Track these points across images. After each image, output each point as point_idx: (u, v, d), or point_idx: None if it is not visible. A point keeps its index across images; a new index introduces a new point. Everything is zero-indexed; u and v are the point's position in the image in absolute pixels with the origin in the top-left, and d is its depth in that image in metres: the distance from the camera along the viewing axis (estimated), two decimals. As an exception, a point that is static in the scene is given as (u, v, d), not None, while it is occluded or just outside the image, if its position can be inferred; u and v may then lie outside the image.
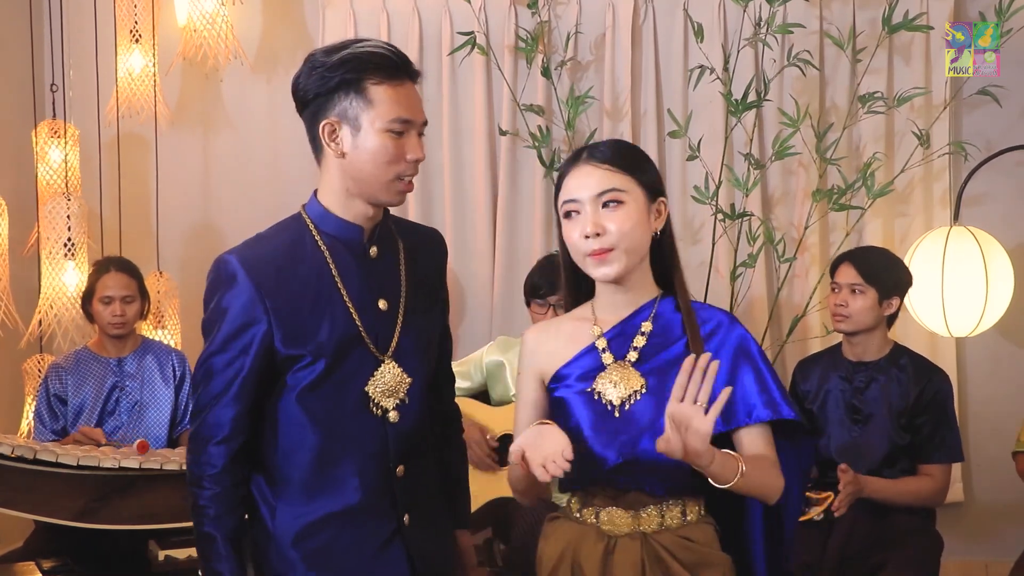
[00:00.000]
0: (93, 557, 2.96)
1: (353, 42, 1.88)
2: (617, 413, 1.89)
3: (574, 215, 1.90)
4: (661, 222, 1.92)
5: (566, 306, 2.05)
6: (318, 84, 1.86)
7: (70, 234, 3.72)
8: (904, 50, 3.99)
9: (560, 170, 1.96)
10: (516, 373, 3.40)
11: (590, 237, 1.87)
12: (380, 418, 1.92)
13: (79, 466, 2.85)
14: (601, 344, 1.94)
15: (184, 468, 2.03)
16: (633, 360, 1.92)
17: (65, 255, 3.72)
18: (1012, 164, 3.94)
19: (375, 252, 1.95)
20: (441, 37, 4.07)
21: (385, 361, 1.92)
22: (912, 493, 3.04)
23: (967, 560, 3.98)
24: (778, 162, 3.90)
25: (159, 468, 2.92)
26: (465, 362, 3.57)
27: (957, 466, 3.78)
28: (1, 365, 3.94)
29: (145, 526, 2.88)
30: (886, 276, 3.10)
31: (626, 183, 1.88)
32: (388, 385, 1.92)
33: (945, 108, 3.89)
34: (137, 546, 2.94)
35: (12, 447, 2.83)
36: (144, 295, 3.54)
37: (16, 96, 4.08)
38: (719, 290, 3.88)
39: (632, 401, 1.89)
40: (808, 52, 3.82)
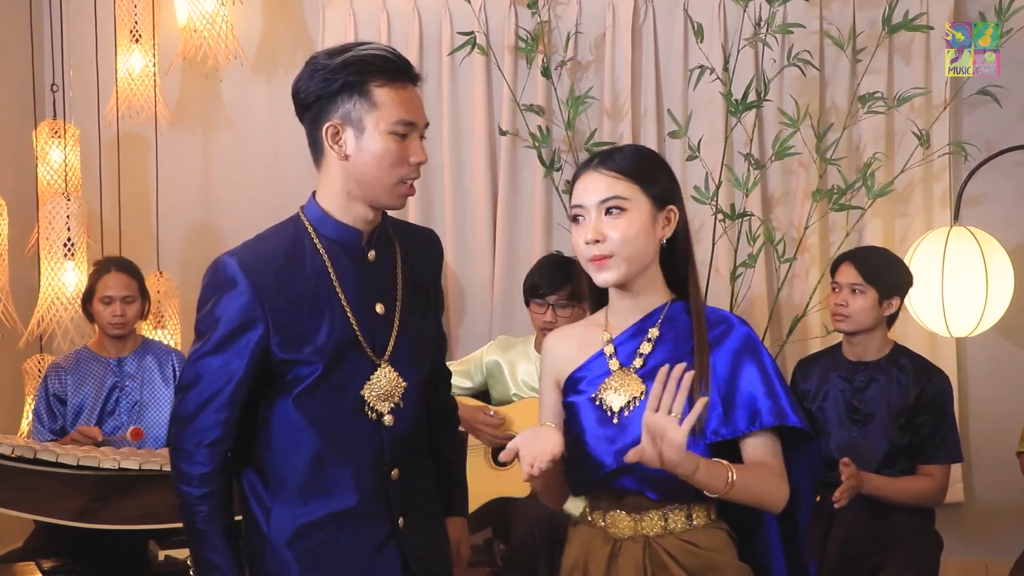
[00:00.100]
0: (93, 557, 2.95)
1: (355, 45, 1.88)
2: (616, 419, 1.90)
3: (580, 220, 1.92)
4: (669, 230, 1.93)
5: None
6: (321, 86, 1.85)
7: (69, 234, 3.72)
8: (904, 50, 3.99)
9: (574, 175, 1.98)
10: (515, 373, 3.46)
11: (590, 243, 1.89)
12: (375, 422, 1.92)
13: (79, 466, 2.84)
14: (609, 350, 1.96)
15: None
16: (638, 367, 1.93)
17: (65, 255, 3.72)
18: (1012, 164, 3.94)
19: (373, 256, 1.95)
20: (441, 37, 4.06)
21: (381, 365, 1.92)
22: (911, 492, 3.05)
23: (967, 560, 3.98)
24: (778, 162, 3.90)
25: (159, 468, 2.91)
26: (465, 362, 3.58)
27: (957, 466, 3.78)
28: (1, 365, 3.94)
29: (145, 526, 2.88)
30: (886, 276, 3.10)
31: (630, 191, 1.89)
32: (384, 389, 1.92)
33: (945, 108, 3.89)
34: (137, 546, 2.94)
35: (12, 447, 2.82)
36: (144, 295, 3.54)
37: (16, 96, 4.09)
38: (719, 290, 3.88)
39: (631, 408, 1.90)
40: (808, 52, 3.82)
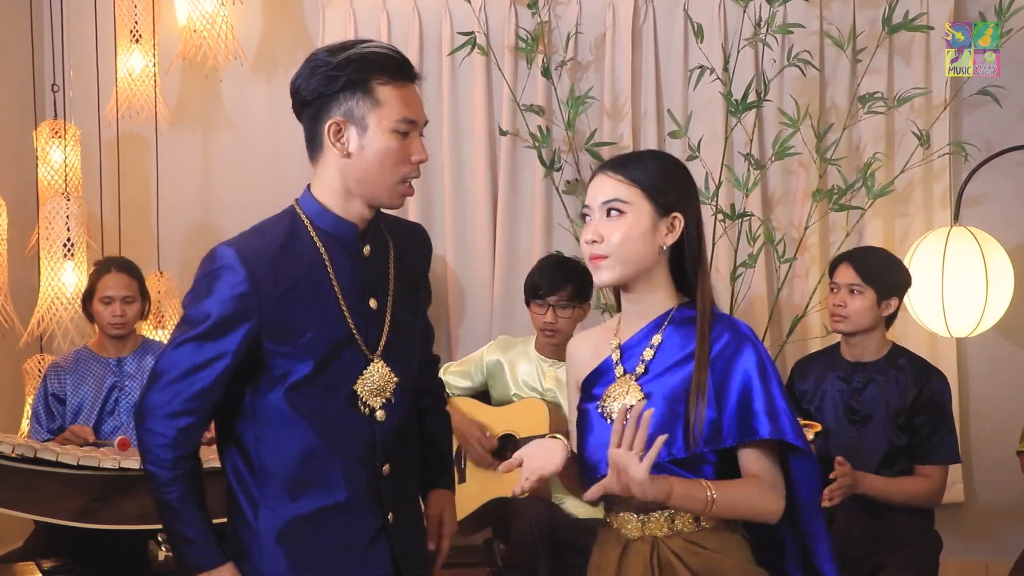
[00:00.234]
0: (93, 557, 2.96)
1: (357, 42, 1.88)
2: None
3: (587, 220, 1.95)
4: (671, 237, 1.92)
5: (615, 311, 2.09)
6: (323, 84, 1.85)
7: (69, 234, 3.72)
8: (904, 50, 3.99)
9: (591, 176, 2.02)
10: (516, 373, 3.46)
11: (589, 243, 1.92)
12: (368, 417, 1.92)
13: (79, 466, 2.84)
14: (616, 356, 1.98)
15: (204, 465, 2.03)
16: (640, 373, 1.94)
17: (64, 255, 3.72)
18: (1012, 164, 3.94)
19: (368, 251, 1.95)
20: (441, 37, 4.06)
21: (374, 360, 1.92)
22: (908, 493, 3.04)
23: (967, 560, 3.98)
24: (778, 162, 3.90)
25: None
26: (465, 362, 3.57)
27: (957, 466, 3.77)
28: (1, 365, 3.95)
29: (145, 526, 2.87)
30: (885, 276, 3.10)
31: (631, 195, 1.90)
32: (376, 384, 1.92)
33: (945, 108, 3.89)
34: (137, 546, 2.94)
35: (12, 447, 2.82)
36: (145, 295, 3.55)
37: (17, 96, 4.09)
38: (719, 290, 3.86)
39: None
40: (808, 52, 3.82)
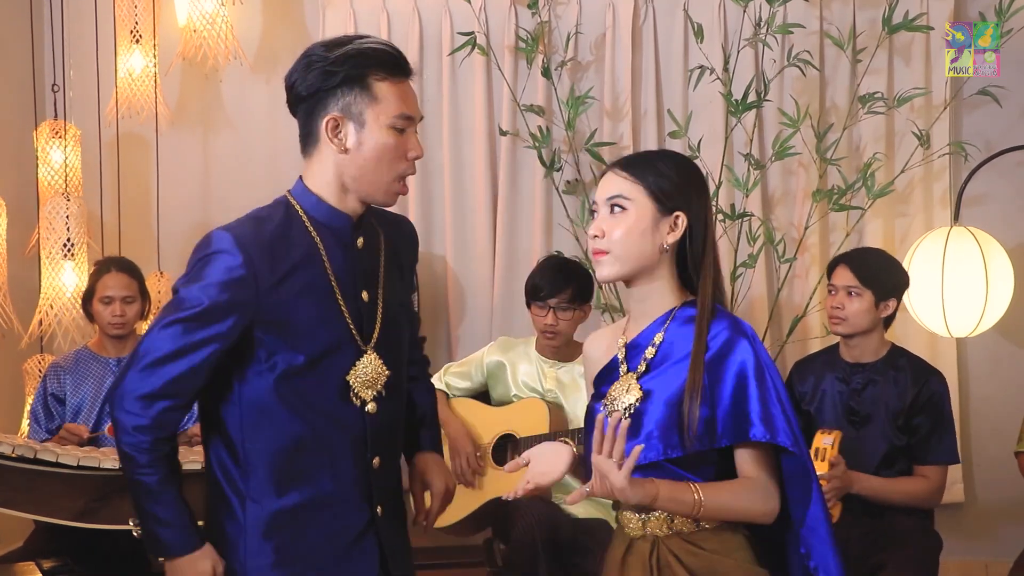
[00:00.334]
0: (93, 557, 2.96)
1: (354, 38, 1.89)
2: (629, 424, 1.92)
3: (595, 215, 1.97)
4: (673, 236, 1.91)
5: (619, 307, 2.10)
6: (320, 79, 1.86)
7: (69, 234, 3.72)
8: (904, 50, 3.99)
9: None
10: (516, 374, 3.46)
11: (592, 238, 1.94)
12: (359, 409, 1.92)
13: (79, 466, 2.84)
14: (621, 354, 1.98)
15: (184, 467, 2.02)
16: (641, 371, 1.94)
17: (64, 255, 3.72)
18: (1012, 164, 3.94)
19: (361, 243, 1.95)
20: (441, 37, 4.06)
21: (367, 352, 1.92)
22: (906, 493, 3.03)
23: (967, 560, 3.98)
24: (778, 162, 3.90)
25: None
26: (466, 362, 3.57)
27: (957, 466, 3.77)
28: (1, 365, 3.95)
29: (145, 526, 2.88)
30: (883, 278, 3.09)
31: (633, 192, 1.91)
32: (368, 377, 1.92)
33: (945, 108, 3.89)
34: (137, 546, 2.92)
35: (12, 447, 2.82)
36: (145, 295, 3.54)
37: (17, 96, 4.09)
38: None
39: (627, 413, 1.91)
40: (808, 52, 3.83)
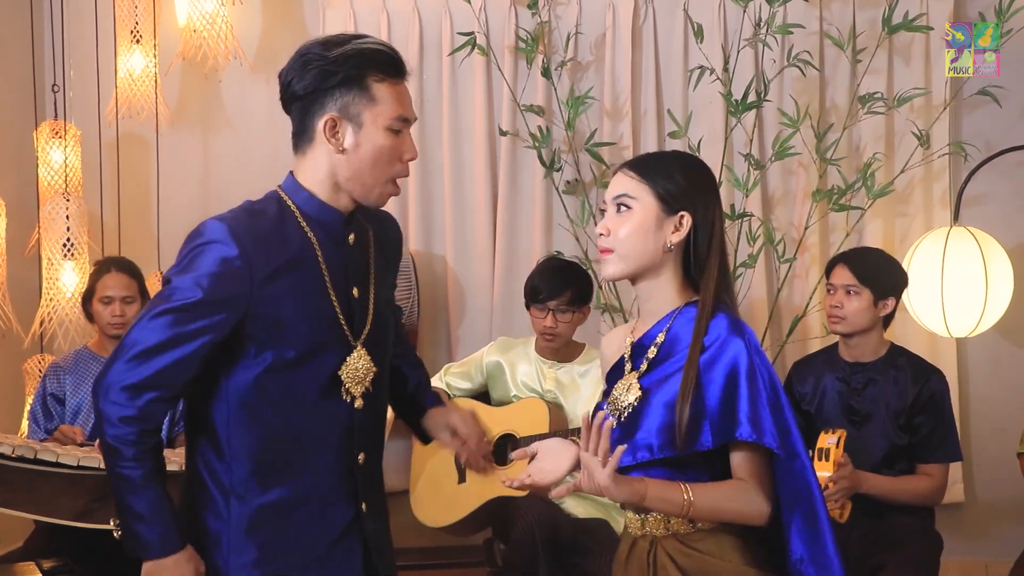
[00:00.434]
0: (93, 557, 2.95)
1: (352, 37, 1.88)
2: (615, 424, 1.92)
3: (604, 214, 1.98)
4: (677, 236, 1.91)
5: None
6: (318, 79, 1.85)
7: (69, 234, 3.72)
8: (904, 50, 3.99)
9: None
10: (516, 374, 3.46)
11: (599, 236, 1.95)
12: (348, 405, 1.92)
13: (79, 466, 2.84)
14: (627, 353, 1.99)
15: (183, 468, 2.02)
16: (642, 371, 1.94)
17: (64, 255, 3.72)
18: (1012, 164, 3.94)
19: (352, 239, 1.95)
20: (441, 37, 4.06)
21: (357, 348, 1.92)
22: (910, 492, 3.04)
23: (967, 560, 3.98)
24: (778, 162, 3.90)
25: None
26: (466, 363, 3.57)
27: (957, 466, 3.78)
28: (1, 365, 3.95)
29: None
30: (881, 276, 3.09)
31: (638, 191, 1.91)
32: (358, 373, 1.92)
33: (945, 108, 3.90)
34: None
35: (12, 447, 2.82)
36: (144, 295, 3.53)
37: (17, 96, 4.09)
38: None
39: (626, 413, 1.92)
40: (808, 52, 3.83)
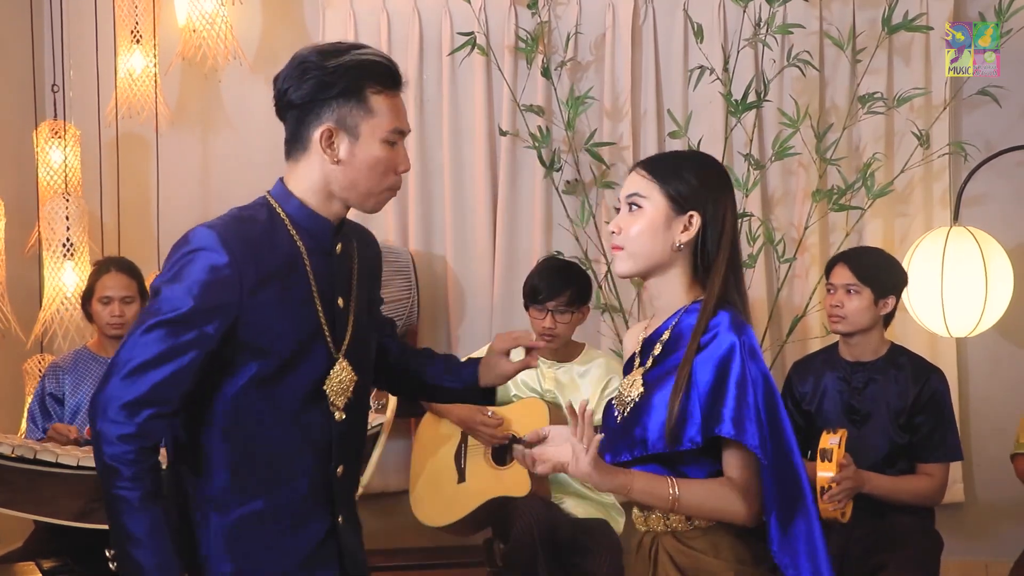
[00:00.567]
0: (93, 557, 2.94)
1: (351, 47, 1.87)
2: (619, 418, 1.95)
3: (619, 212, 1.99)
4: (686, 236, 1.91)
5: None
6: (316, 89, 1.85)
7: (68, 234, 3.72)
8: (904, 50, 3.99)
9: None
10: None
11: (611, 234, 1.97)
12: (328, 416, 1.91)
13: (79, 466, 2.85)
14: (638, 349, 2.02)
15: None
16: (648, 367, 1.96)
17: (64, 255, 3.73)
18: (1012, 164, 3.94)
19: (339, 249, 1.95)
20: (441, 37, 4.06)
21: (339, 359, 1.92)
22: (911, 491, 3.04)
23: (967, 560, 3.98)
24: (778, 162, 3.90)
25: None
26: (465, 363, 3.57)
27: (957, 466, 3.78)
28: (1, 365, 3.95)
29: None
30: (881, 275, 3.10)
31: (648, 190, 1.93)
32: (341, 384, 1.91)
33: (945, 108, 3.90)
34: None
35: (12, 447, 2.83)
36: (144, 296, 3.53)
37: (17, 96, 4.09)
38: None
39: (629, 408, 1.93)
40: (808, 52, 3.83)
